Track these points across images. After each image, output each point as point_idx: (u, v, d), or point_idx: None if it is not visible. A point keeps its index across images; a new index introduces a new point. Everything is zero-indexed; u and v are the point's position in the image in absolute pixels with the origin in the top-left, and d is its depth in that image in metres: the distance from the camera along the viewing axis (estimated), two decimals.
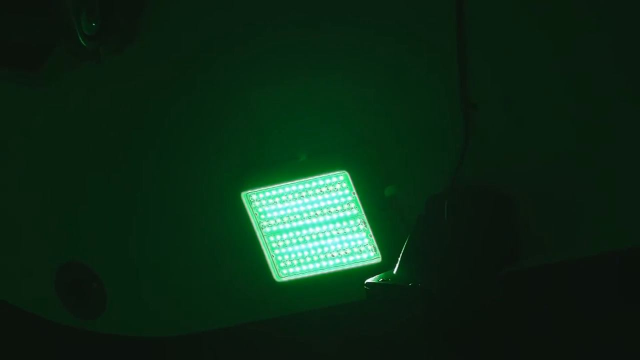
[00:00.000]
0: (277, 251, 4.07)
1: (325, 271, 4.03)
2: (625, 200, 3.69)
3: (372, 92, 3.90)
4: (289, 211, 4.04)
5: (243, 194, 4.02)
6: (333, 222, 3.98)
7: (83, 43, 3.99)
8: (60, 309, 4.53)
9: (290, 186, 4.00)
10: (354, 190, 3.92)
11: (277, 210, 4.05)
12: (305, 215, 4.02)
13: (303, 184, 3.99)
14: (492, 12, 3.67)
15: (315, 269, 4.05)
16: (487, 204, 3.78)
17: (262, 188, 4.02)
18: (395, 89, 3.86)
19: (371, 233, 3.94)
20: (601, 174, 3.69)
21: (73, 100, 4.30)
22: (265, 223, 4.06)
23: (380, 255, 3.92)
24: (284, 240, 4.07)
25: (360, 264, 3.95)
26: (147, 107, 4.22)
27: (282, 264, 4.07)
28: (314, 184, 3.98)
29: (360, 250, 3.97)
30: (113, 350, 4.65)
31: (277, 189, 4.02)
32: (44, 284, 4.53)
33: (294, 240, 4.05)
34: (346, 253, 3.99)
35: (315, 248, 4.03)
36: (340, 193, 3.95)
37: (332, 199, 3.97)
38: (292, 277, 4.07)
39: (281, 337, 4.35)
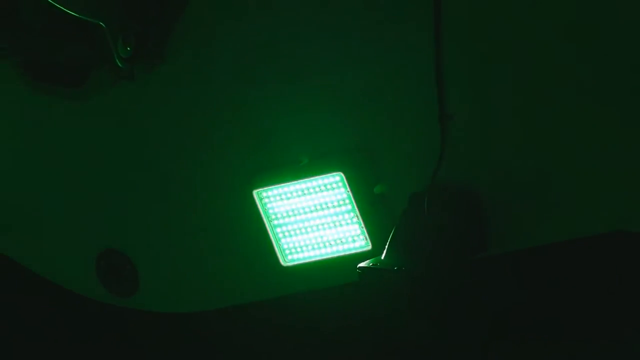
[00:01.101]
0: (282, 240, 4.08)
1: (324, 257, 4.03)
2: (575, 199, 3.68)
3: (363, 106, 3.89)
4: (293, 206, 4.04)
5: (254, 192, 4.02)
6: (330, 215, 3.98)
7: (119, 64, 4.00)
8: (100, 288, 4.54)
9: (294, 185, 4.01)
10: (348, 189, 3.91)
11: (283, 205, 4.05)
12: (306, 209, 4.02)
13: (305, 183, 3.99)
14: (466, 36, 3.65)
15: (315, 255, 4.05)
16: (461, 200, 3.79)
17: (270, 187, 4.03)
18: (383, 103, 3.85)
19: (363, 225, 3.93)
20: (556, 176, 3.68)
21: (110, 112, 4.30)
22: (272, 216, 4.06)
23: (370, 244, 3.91)
24: (288, 231, 4.07)
25: (353, 251, 3.95)
26: (173, 118, 4.22)
27: (287, 251, 4.08)
28: (314, 183, 3.98)
29: (354, 240, 3.96)
30: (144, 323, 4.63)
31: (282, 188, 4.03)
32: (87, 267, 4.53)
33: (297, 231, 4.06)
34: (341, 242, 3.99)
35: (315, 237, 4.04)
36: (336, 191, 3.95)
37: (329, 196, 3.96)
38: (296, 262, 4.08)
39: (286, 313, 4.34)
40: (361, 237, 3.95)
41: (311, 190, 4.00)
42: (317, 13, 3.85)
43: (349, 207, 3.94)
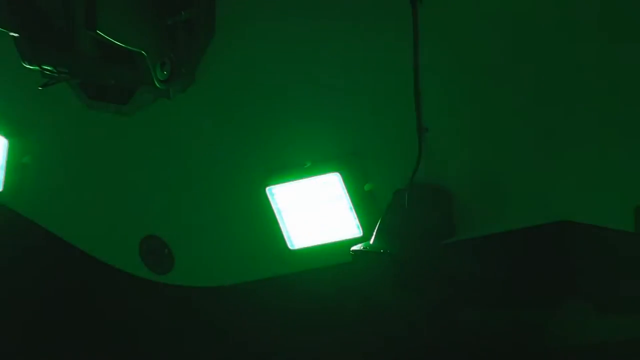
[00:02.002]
0: (290, 228, 4.07)
1: (324, 242, 4.03)
2: (527, 195, 3.71)
3: (356, 120, 3.91)
4: (298, 200, 4.02)
5: (267, 189, 4.04)
6: (329, 208, 3.98)
7: (158, 85, 4.01)
8: (142, 267, 4.53)
9: (299, 183, 4.01)
10: (344, 186, 3.93)
11: (290, 199, 4.04)
12: (310, 203, 4.01)
13: (308, 181, 4.00)
14: (438, 68, 3.68)
15: (316, 241, 4.04)
16: (434, 196, 3.79)
17: (280, 184, 4.03)
18: (372, 118, 3.88)
19: (355, 216, 3.95)
20: (511, 177, 3.71)
21: (150, 124, 4.31)
22: (282, 209, 4.05)
23: (361, 231, 3.93)
24: (295, 221, 4.05)
25: (347, 237, 3.96)
26: (201, 129, 4.22)
27: (293, 237, 4.08)
28: (315, 181, 3.98)
29: (348, 228, 3.97)
30: (179, 296, 4.59)
31: (289, 185, 4.02)
32: (131, 250, 4.52)
33: (302, 221, 4.04)
34: (338, 229, 3.99)
35: (317, 226, 4.02)
36: (334, 188, 3.95)
37: (328, 192, 3.96)
38: (301, 246, 4.08)
39: (293, 286, 4.31)
40: (354, 225, 3.96)
41: (313, 187, 3.99)
42: (322, 47, 3.87)
43: (344, 201, 3.95)
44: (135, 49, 3.90)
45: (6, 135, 4.56)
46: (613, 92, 3.49)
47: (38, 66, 4.12)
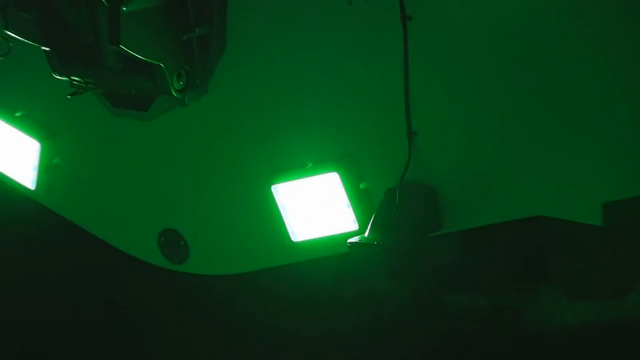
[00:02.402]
0: (292, 223, 4.08)
1: (323, 235, 4.04)
2: (506, 193, 3.72)
3: (353, 126, 3.92)
4: (300, 198, 4.04)
5: (272, 187, 4.06)
6: (328, 204, 3.99)
7: (175, 94, 4.01)
8: (161, 257, 4.50)
9: (301, 182, 4.02)
10: (342, 185, 3.94)
11: (293, 197, 4.05)
12: (311, 200, 4.02)
13: (309, 180, 4.00)
14: (428, 72, 3.70)
15: (317, 234, 4.05)
16: (422, 194, 3.80)
17: (284, 183, 4.04)
18: (367, 124, 3.89)
19: (352, 211, 3.96)
20: (492, 177, 3.72)
21: (168, 128, 4.30)
22: (285, 205, 4.06)
23: (357, 225, 3.94)
24: (297, 216, 4.06)
25: (345, 230, 3.97)
26: (213, 133, 4.23)
27: (296, 231, 4.09)
28: (316, 180, 3.99)
29: (345, 222, 3.98)
30: (193, 283, 4.56)
31: (293, 184, 4.03)
32: (151, 242, 4.50)
33: (303, 216, 4.05)
34: (336, 223, 4.00)
35: (317, 221, 4.03)
36: (333, 187, 3.97)
37: (327, 190, 3.98)
38: (303, 239, 4.09)
39: (296, 275, 4.30)
40: (350, 220, 3.97)
41: (314, 185, 4.00)
42: (323, 61, 3.89)
43: (342, 198, 3.96)
44: (154, 62, 3.89)
45: (39, 139, 4.54)
46: (583, 95, 3.50)
47: (67, 77, 4.11)
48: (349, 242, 3.76)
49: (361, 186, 3.95)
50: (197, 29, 3.94)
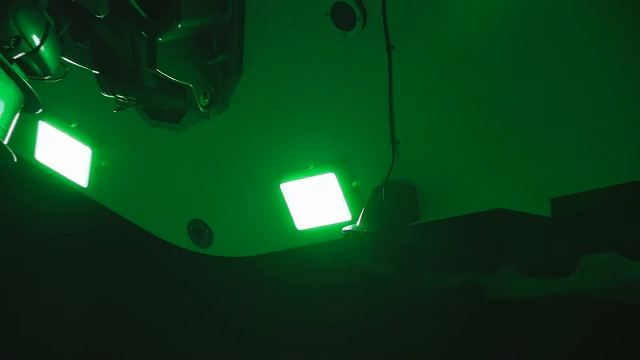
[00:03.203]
0: (297, 214, 4.07)
1: (322, 224, 4.04)
2: (471, 190, 3.72)
3: (347, 135, 3.92)
4: (304, 194, 4.03)
5: (281, 185, 4.06)
6: (327, 199, 4.00)
7: (201, 109, 4.02)
8: (189, 242, 4.47)
9: (304, 180, 4.01)
10: (338, 183, 3.95)
11: (298, 193, 4.04)
12: (312, 195, 4.02)
13: (311, 179, 4.00)
14: (408, 92, 3.71)
15: (317, 223, 4.05)
16: (404, 191, 3.80)
17: (290, 182, 4.04)
18: (358, 133, 3.89)
19: (346, 205, 3.96)
20: (459, 176, 3.72)
21: (196, 137, 4.29)
22: (291, 200, 4.06)
23: (350, 216, 3.95)
24: (301, 208, 4.06)
25: (340, 221, 3.97)
26: (232, 141, 4.21)
27: (300, 221, 4.08)
28: (317, 179, 3.99)
29: (340, 214, 3.99)
30: (218, 264, 4.54)
31: (297, 182, 4.02)
32: (182, 229, 4.47)
33: (306, 209, 4.05)
34: (333, 215, 4.00)
35: (317, 213, 4.04)
36: (330, 185, 3.98)
37: (326, 187, 3.99)
38: (305, 227, 4.09)
39: (300, 257, 4.31)
40: (345, 212, 3.98)
41: (315, 184, 4.01)
42: (323, 80, 3.87)
43: (338, 194, 3.97)
44: (184, 83, 3.89)
45: (90, 146, 4.53)
46: (536, 109, 3.47)
47: (113, 95, 4.10)
48: (344, 230, 3.76)
49: (353, 184, 3.95)
50: (219, 56, 3.93)
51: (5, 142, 3.25)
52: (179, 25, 3.68)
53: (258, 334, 4.87)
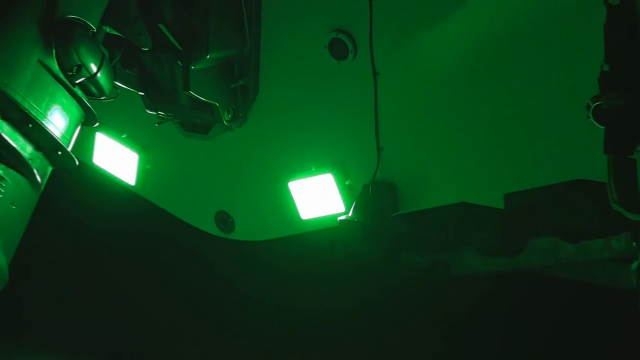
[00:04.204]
0: (301, 206, 4.07)
1: (322, 215, 4.04)
2: (441, 186, 3.73)
3: (341, 143, 3.93)
4: (307, 190, 4.03)
5: (289, 183, 4.07)
6: (325, 195, 4.00)
7: (225, 123, 4.05)
8: (216, 229, 4.47)
9: (307, 179, 4.01)
10: (335, 182, 3.96)
11: (302, 190, 4.04)
12: (314, 191, 4.02)
13: (313, 179, 4.00)
14: (390, 112, 3.72)
15: (317, 214, 4.05)
16: (386, 188, 3.82)
17: (296, 180, 4.04)
18: (351, 141, 3.90)
19: (341, 199, 3.97)
20: (429, 175, 3.73)
21: (221, 145, 4.25)
22: (297, 195, 4.05)
23: (345, 208, 3.96)
24: (305, 202, 4.05)
25: (336, 212, 3.97)
26: (250, 149, 4.22)
27: (304, 212, 4.07)
28: (317, 179, 4.00)
29: (336, 206, 3.99)
30: (239, 246, 4.48)
31: (302, 181, 4.02)
32: (209, 218, 4.45)
33: (309, 202, 4.04)
34: (330, 207, 4.00)
35: (317, 205, 4.03)
36: (328, 183, 3.98)
37: (325, 186, 3.99)
38: (308, 217, 4.08)
39: (303, 241, 4.27)
40: (340, 205, 3.98)
41: (315, 182, 4.01)
42: (322, 98, 3.85)
43: (335, 191, 3.98)
44: (212, 102, 3.93)
45: (137, 152, 4.54)
46: (494, 117, 3.48)
47: (155, 112, 4.14)
48: (339, 220, 3.79)
49: (347, 183, 3.96)
50: (239, 80, 3.97)
51: (69, 149, 3.33)
52: (208, 57, 3.71)
53: (265, 311, 4.84)
